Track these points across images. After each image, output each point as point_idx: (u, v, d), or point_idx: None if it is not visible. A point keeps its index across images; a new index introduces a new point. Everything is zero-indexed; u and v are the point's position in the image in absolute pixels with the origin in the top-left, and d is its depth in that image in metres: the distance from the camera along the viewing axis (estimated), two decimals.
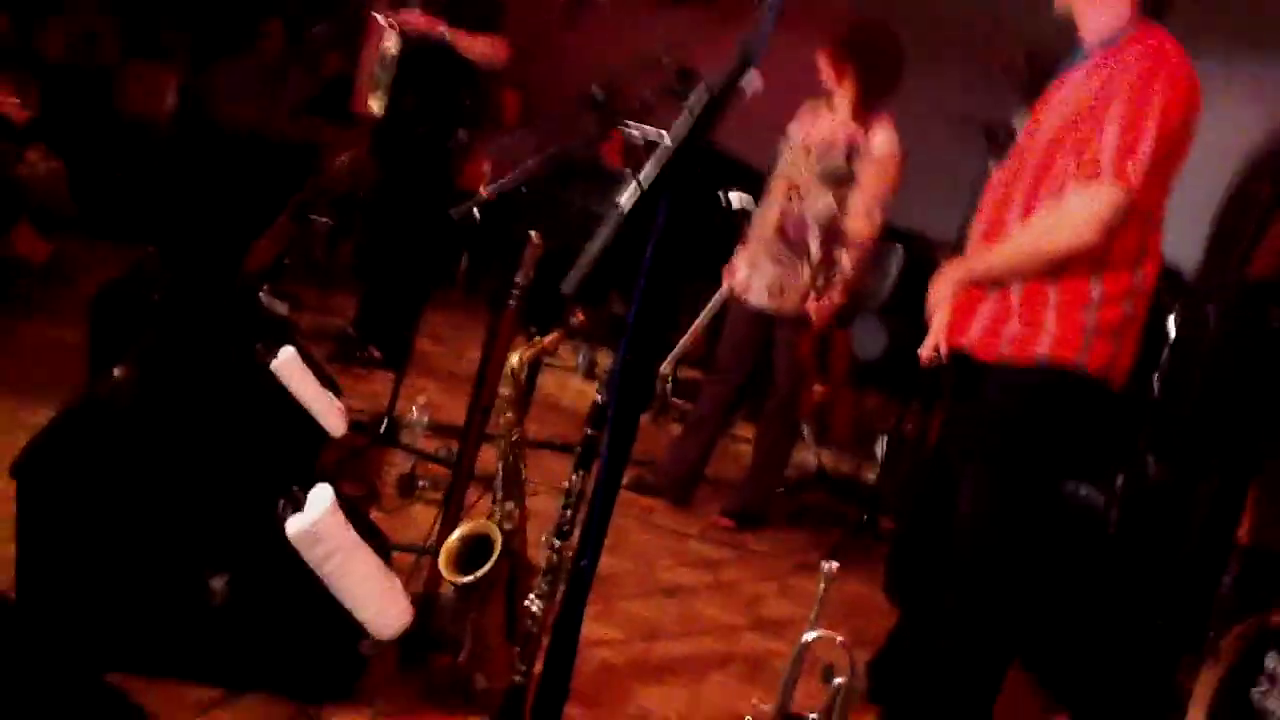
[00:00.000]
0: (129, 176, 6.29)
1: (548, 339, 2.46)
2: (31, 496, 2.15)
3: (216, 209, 6.07)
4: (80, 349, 3.53)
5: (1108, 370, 2.37)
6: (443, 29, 4.54)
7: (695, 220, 1.49)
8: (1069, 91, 2.40)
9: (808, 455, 5.22)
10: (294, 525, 2.18)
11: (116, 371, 2.38)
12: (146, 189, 6.10)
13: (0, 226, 4.32)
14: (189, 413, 2.44)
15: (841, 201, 3.85)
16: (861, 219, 3.83)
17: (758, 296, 3.99)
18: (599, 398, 1.95)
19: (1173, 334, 4.41)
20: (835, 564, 2.30)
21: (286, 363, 3.13)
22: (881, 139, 3.85)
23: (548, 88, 5.44)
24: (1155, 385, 4.56)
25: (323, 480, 2.35)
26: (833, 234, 3.86)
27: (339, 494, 2.29)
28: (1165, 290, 4.92)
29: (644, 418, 5.33)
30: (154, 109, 6.35)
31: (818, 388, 3.93)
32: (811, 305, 3.85)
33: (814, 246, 3.86)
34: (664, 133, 1.52)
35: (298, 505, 2.22)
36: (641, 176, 1.37)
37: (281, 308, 4.96)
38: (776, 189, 4.00)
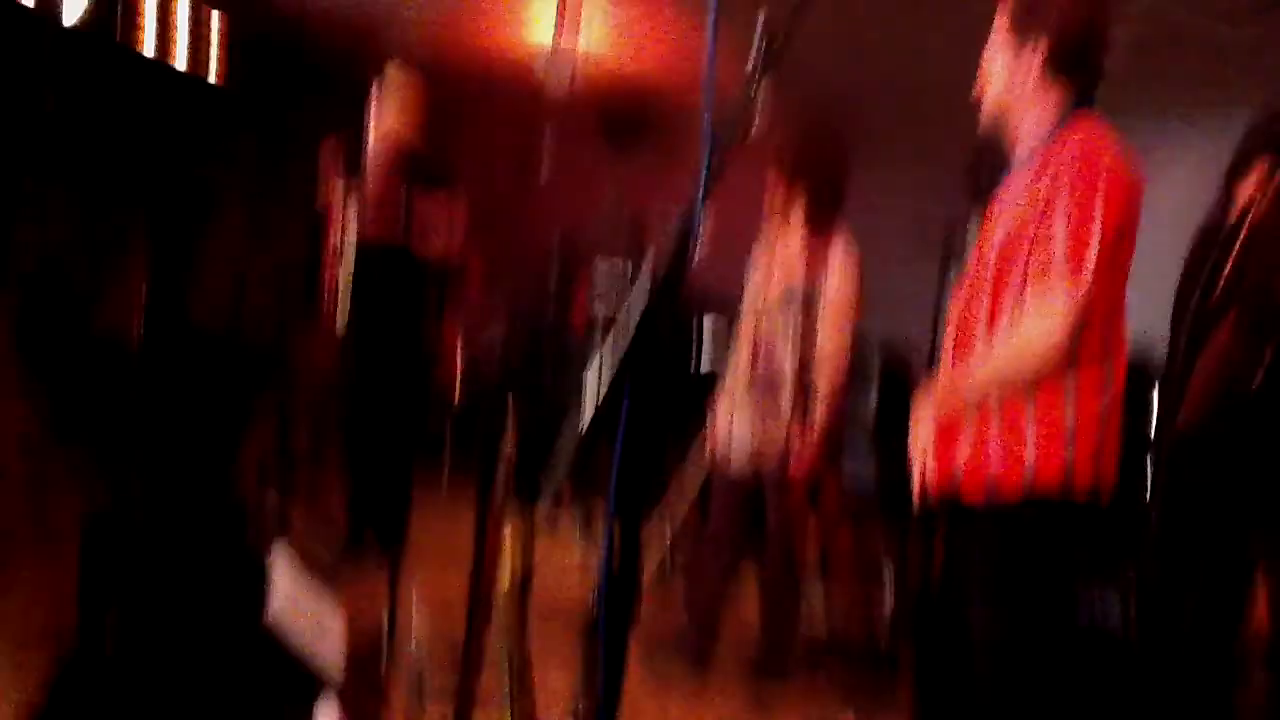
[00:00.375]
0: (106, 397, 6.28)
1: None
2: None
3: (196, 416, 6.06)
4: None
5: (1093, 491, 2.36)
6: (401, 192, 4.58)
7: (664, 389, 1.48)
8: (1014, 196, 2.42)
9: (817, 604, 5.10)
10: None
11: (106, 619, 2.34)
12: (124, 407, 6.08)
13: None
14: (183, 651, 2.39)
15: (812, 349, 3.82)
16: (829, 359, 3.80)
17: (740, 450, 3.93)
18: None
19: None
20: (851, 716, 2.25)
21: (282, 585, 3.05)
22: (839, 271, 3.82)
23: (508, 250, 5.50)
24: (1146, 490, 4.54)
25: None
26: (805, 376, 3.83)
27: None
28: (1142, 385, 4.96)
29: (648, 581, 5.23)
30: (122, 322, 6.37)
31: (814, 538, 3.86)
32: (792, 468, 3.79)
33: (789, 397, 3.83)
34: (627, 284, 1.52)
35: None
36: (599, 398, 1.36)
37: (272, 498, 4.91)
38: (743, 335, 3.98)
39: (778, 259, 3.98)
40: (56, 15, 6.40)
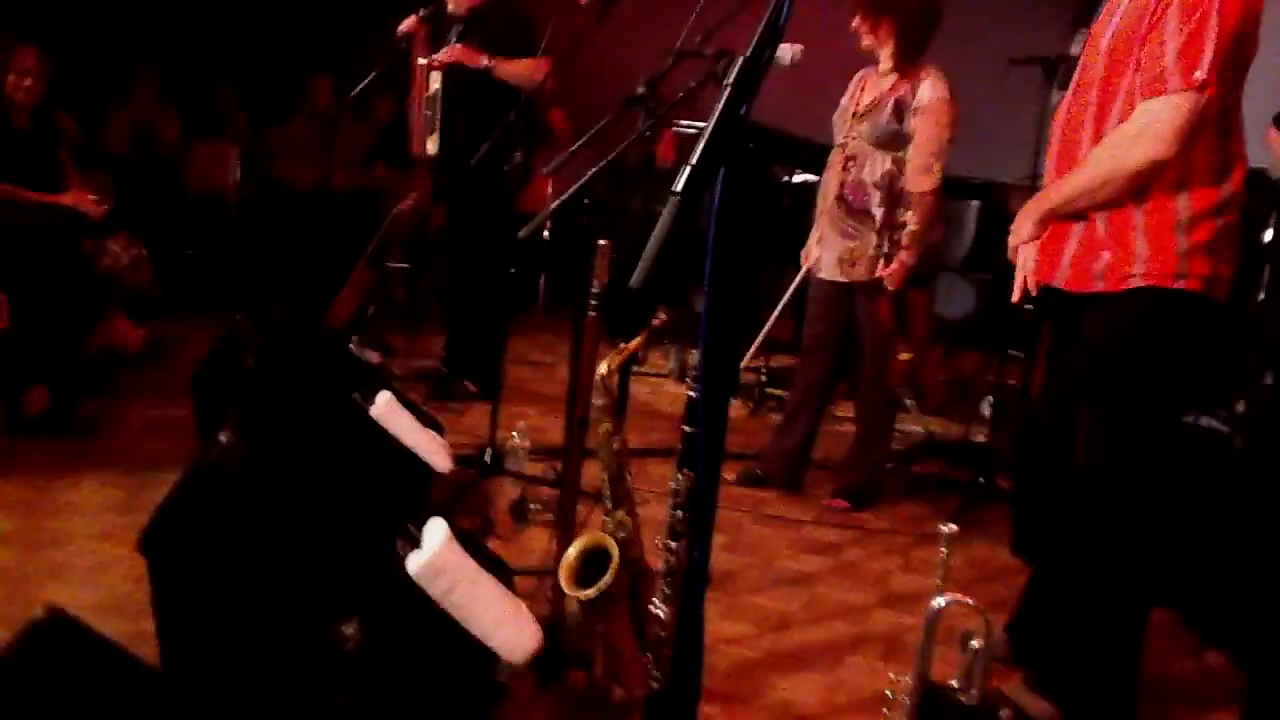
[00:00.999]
0: (206, 251, 6.49)
1: (633, 343, 2.45)
2: (161, 569, 2.21)
3: (294, 267, 6.22)
4: (189, 423, 3.65)
5: (1209, 287, 2.28)
6: (483, 59, 4.60)
7: (756, 197, 1.47)
8: (1120, 8, 2.33)
9: (915, 425, 5.15)
10: (415, 562, 2.20)
11: (221, 437, 2.43)
12: (225, 260, 6.27)
13: (95, 320, 4.46)
14: (298, 468, 2.49)
15: (900, 164, 3.80)
16: (920, 174, 3.77)
17: (829, 270, 3.96)
18: (692, 394, 1.94)
19: (1268, 240, 4.27)
20: (954, 526, 2.25)
21: (385, 408, 3.18)
22: (927, 89, 3.78)
23: (592, 96, 5.46)
24: (1260, 299, 4.42)
25: (436, 515, 2.37)
26: (894, 196, 3.80)
27: (454, 527, 2.31)
28: (1257, 197, 4.78)
29: (743, 411, 5.31)
30: (219, 183, 6.52)
31: (903, 353, 3.86)
32: (883, 270, 3.79)
33: (877, 212, 3.81)
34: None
35: (415, 542, 2.25)
36: (692, 157, 1.35)
37: (373, 356, 5.06)
38: (834, 160, 3.96)
39: (868, 86, 3.94)
40: None
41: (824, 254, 3.98)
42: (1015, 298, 2.57)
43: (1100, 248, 2.33)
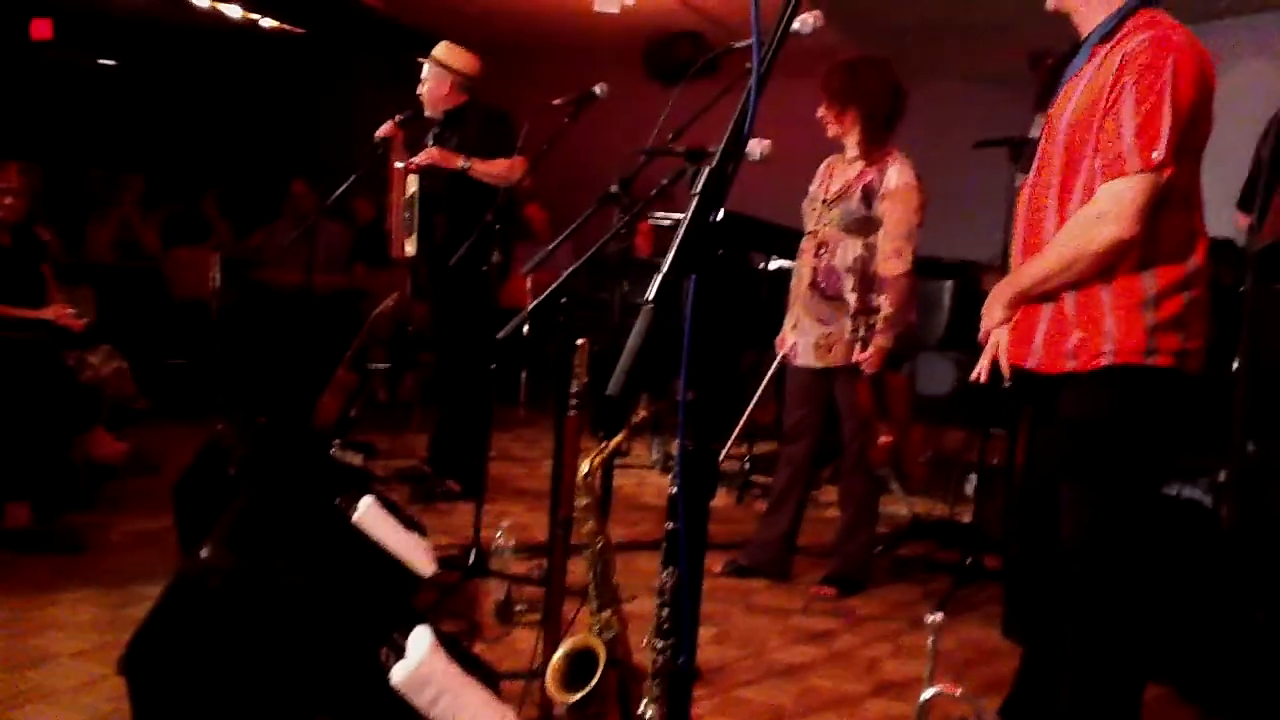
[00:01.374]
0: (190, 359, 6.50)
1: (614, 440, 2.45)
2: (141, 690, 2.18)
3: (276, 372, 6.23)
4: (172, 534, 3.62)
5: (1180, 362, 2.32)
6: (459, 161, 4.68)
7: (733, 294, 1.49)
8: (1077, 92, 2.38)
9: (899, 507, 5.14)
10: (400, 672, 2.18)
11: (203, 551, 2.41)
12: (208, 368, 6.28)
13: (77, 433, 4.45)
14: (281, 578, 2.47)
15: (872, 249, 3.85)
16: (891, 258, 3.81)
17: (806, 357, 3.99)
18: (673, 489, 1.94)
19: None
20: (940, 615, 2.24)
21: (368, 513, 3.17)
22: (894, 174, 3.84)
23: (569, 192, 5.56)
24: (1236, 366, 4.46)
25: (421, 622, 2.35)
26: (867, 281, 3.85)
27: (439, 632, 2.29)
28: (1224, 267, 4.85)
29: (728, 500, 5.30)
30: (201, 290, 6.56)
31: (885, 436, 3.87)
32: (860, 355, 3.81)
33: (850, 297, 3.85)
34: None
35: (400, 652, 2.23)
36: (663, 266, 1.37)
37: (355, 458, 5.05)
38: (806, 248, 4.01)
39: (835, 173, 4.01)
40: None
41: (800, 340, 4.01)
42: (982, 378, 2.59)
43: (1070, 327, 2.36)
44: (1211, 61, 2.28)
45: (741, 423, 4.69)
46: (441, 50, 4.94)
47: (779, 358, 4.18)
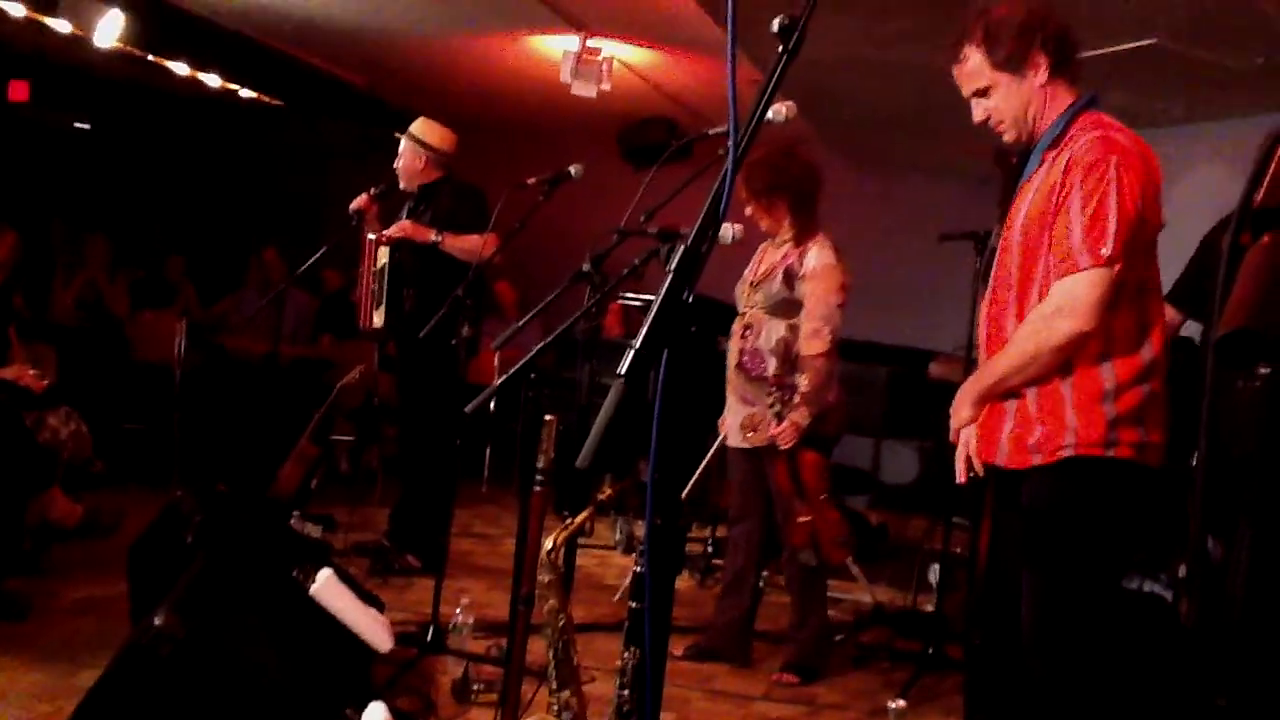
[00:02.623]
0: (150, 424, 6.42)
1: (579, 518, 2.45)
2: None
3: (238, 440, 6.17)
4: (123, 602, 3.55)
5: (1140, 454, 2.36)
6: (431, 235, 4.71)
7: (697, 375, 1.50)
8: (1029, 197, 2.45)
9: (863, 594, 5.12)
10: None
11: (156, 619, 2.37)
12: (168, 433, 6.21)
13: (33, 494, 4.37)
14: (233, 649, 2.43)
15: (795, 330, 3.89)
16: (810, 338, 3.85)
17: (734, 437, 4.01)
18: (637, 569, 1.94)
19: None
20: (903, 702, 2.23)
21: (326, 586, 3.13)
22: (813, 256, 3.89)
23: (540, 269, 5.60)
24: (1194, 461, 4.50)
25: (376, 698, 2.31)
26: (789, 361, 3.88)
27: (393, 709, 2.25)
28: (1183, 362, 4.92)
29: (691, 583, 5.27)
30: (165, 354, 6.52)
31: (801, 515, 3.84)
32: (774, 430, 3.81)
33: (771, 377, 3.87)
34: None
35: None
36: (636, 341, 1.38)
37: (315, 530, 4.99)
38: (734, 330, 4.05)
39: (765, 257, 4.07)
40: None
41: (730, 420, 4.03)
42: (961, 479, 2.60)
43: (1034, 423, 2.39)
44: (1156, 160, 2.35)
45: (683, 496, 4.68)
46: (419, 126, 5.00)
47: (719, 439, 4.19)
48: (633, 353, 1.36)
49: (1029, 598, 2.42)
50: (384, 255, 4.86)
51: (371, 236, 4.91)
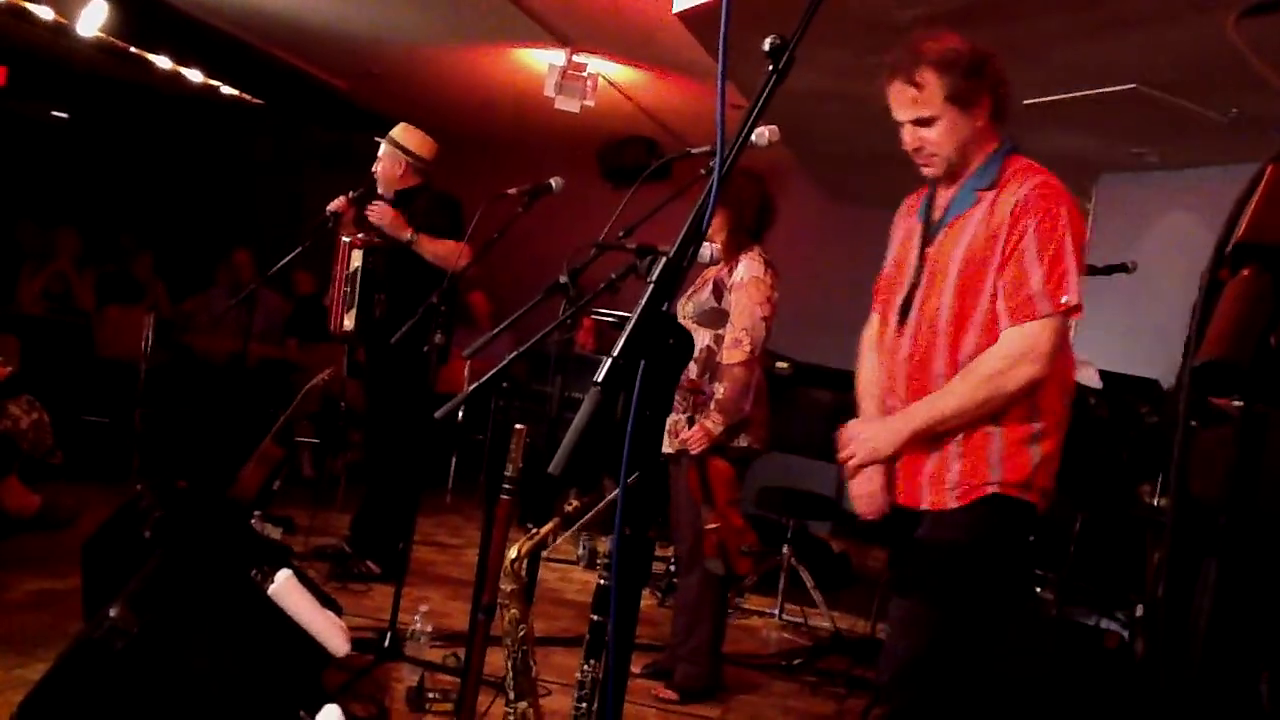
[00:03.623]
0: (112, 418, 6.36)
1: (545, 529, 2.44)
2: None
3: (200, 439, 6.11)
4: (75, 596, 3.50)
5: (1043, 499, 2.40)
6: (408, 232, 4.69)
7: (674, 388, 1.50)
8: (967, 233, 2.40)
9: (822, 620, 5.13)
10: None
11: (111, 612, 2.34)
12: (129, 429, 6.14)
13: None
14: (188, 646, 2.40)
15: (720, 340, 3.86)
16: (730, 347, 3.83)
17: (665, 445, 3.92)
18: (601, 581, 1.94)
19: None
20: None
21: (284, 587, 3.10)
22: (743, 267, 3.88)
23: (515, 281, 5.59)
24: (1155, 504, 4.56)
25: (329, 702, 2.29)
26: (711, 370, 3.86)
27: (348, 714, 2.23)
28: (1149, 405, 4.98)
29: (651, 601, 5.26)
30: (130, 350, 6.45)
31: (709, 522, 3.79)
32: (684, 434, 3.78)
33: (687, 382, 3.85)
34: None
35: None
36: (614, 350, 1.38)
37: (274, 532, 4.94)
38: None
39: (706, 274, 4.06)
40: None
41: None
42: (872, 516, 2.53)
43: (951, 460, 2.38)
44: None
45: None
46: (400, 132, 4.99)
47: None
48: (610, 361, 1.36)
49: (915, 628, 2.40)
50: (357, 259, 4.84)
51: (346, 239, 4.89)
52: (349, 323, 4.91)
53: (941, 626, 2.38)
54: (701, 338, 3.90)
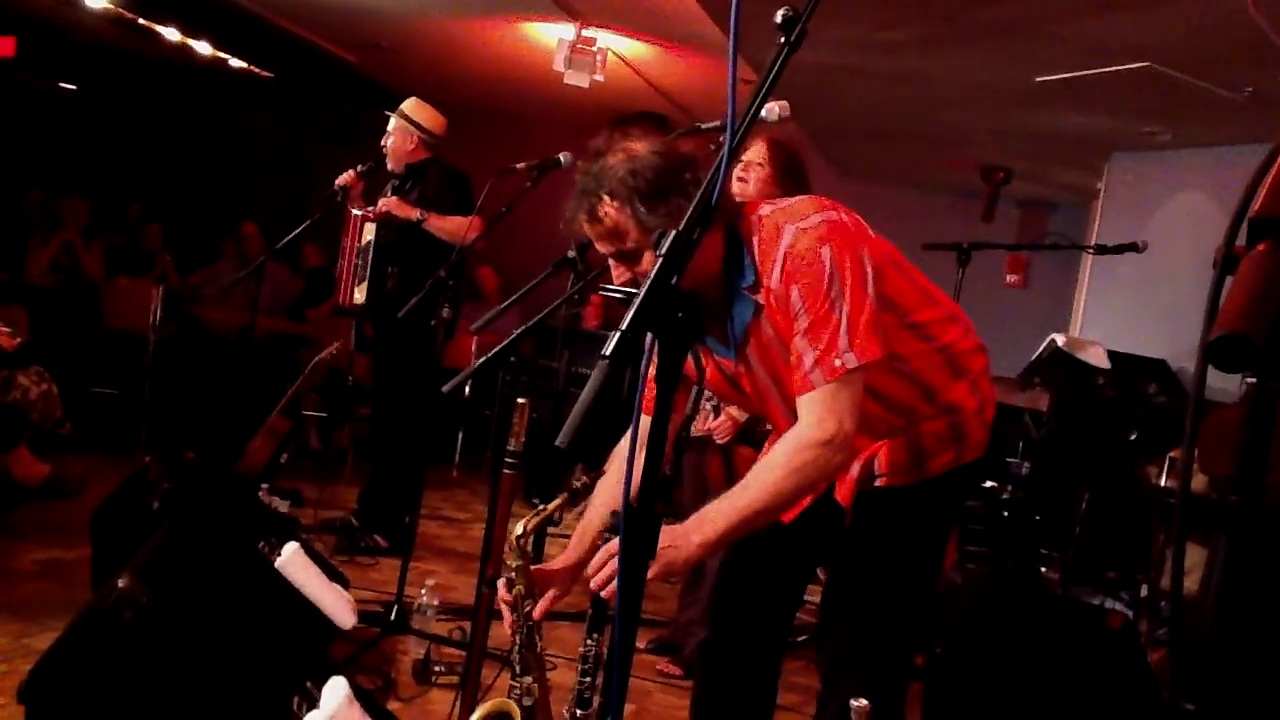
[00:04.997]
0: (120, 390, 6.38)
1: (552, 504, 2.44)
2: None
3: (208, 411, 6.13)
4: (83, 567, 3.51)
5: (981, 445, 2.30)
6: (415, 213, 4.69)
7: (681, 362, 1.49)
8: (765, 344, 2.11)
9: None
10: None
11: (120, 582, 2.35)
12: (138, 400, 6.16)
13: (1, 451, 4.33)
14: (196, 617, 2.41)
15: None
16: None
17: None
18: None
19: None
20: (864, 702, 2.23)
21: (291, 559, 3.11)
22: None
23: (522, 257, 5.59)
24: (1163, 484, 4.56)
25: (336, 673, 2.29)
26: None
27: (354, 686, 2.24)
28: (1159, 383, 4.96)
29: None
30: (139, 322, 6.47)
31: None
32: (711, 424, 3.77)
33: None
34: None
35: (313, 701, 2.17)
36: (623, 323, 1.37)
37: (282, 505, 4.95)
38: None
39: None
40: None
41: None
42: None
43: (910, 449, 2.23)
44: (846, 225, 2.03)
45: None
46: (411, 106, 4.97)
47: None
48: (618, 335, 1.35)
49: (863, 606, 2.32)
50: (369, 232, 4.84)
51: (357, 212, 4.89)
52: (359, 295, 4.91)
53: (894, 585, 2.28)
54: None
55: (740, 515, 1.96)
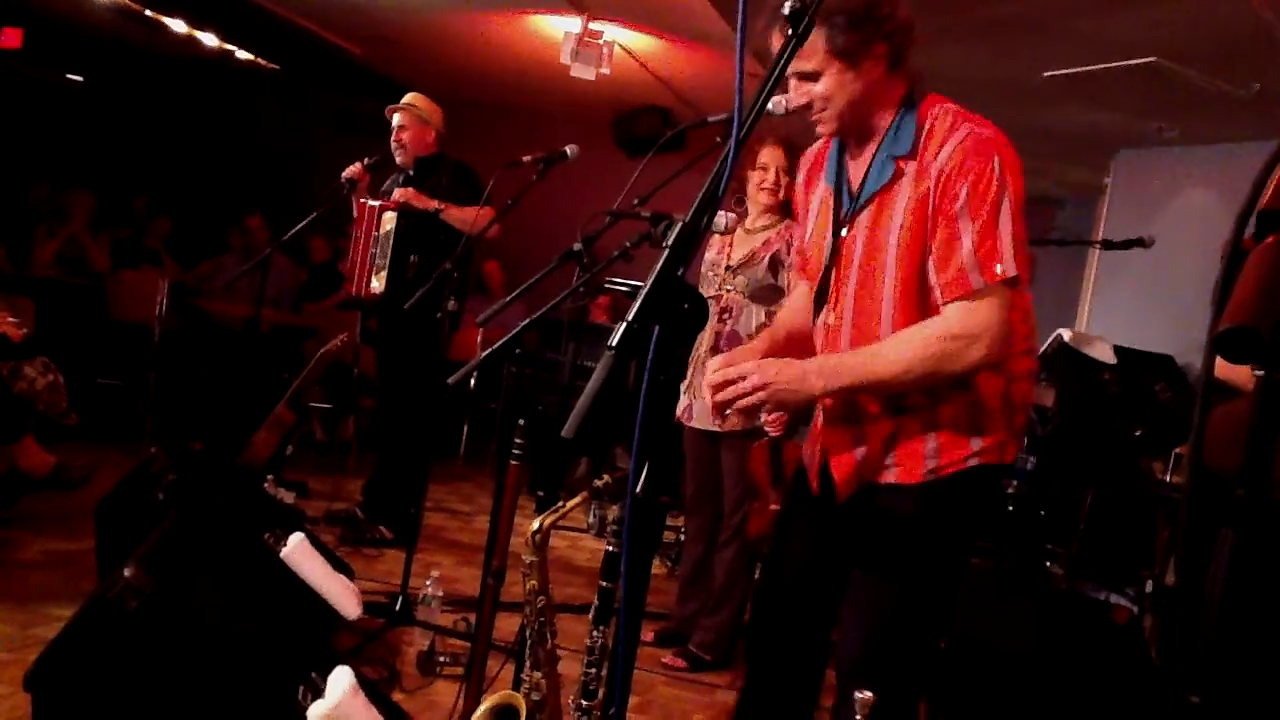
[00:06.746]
0: (126, 381, 6.39)
1: (571, 504, 2.42)
2: (48, 709, 2.10)
3: (214, 402, 6.14)
4: (89, 557, 3.52)
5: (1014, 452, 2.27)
6: (433, 203, 4.70)
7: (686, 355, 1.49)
8: (898, 211, 2.11)
9: None
10: (316, 712, 2.12)
11: (125, 572, 2.35)
12: (143, 392, 6.18)
13: (4, 443, 4.34)
14: (201, 608, 2.41)
15: (774, 317, 3.79)
16: None
17: (701, 419, 3.91)
18: (611, 548, 1.94)
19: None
20: (870, 694, 2.23)
21: (296, 550, 3.12)
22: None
23: (528, 250, 5.59)
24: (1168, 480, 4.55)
25: (341, 664, 2.30)
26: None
27: (359, 676, 2.24)
28: (1165, 379, 4.94)
29: (661, 570, 5.27)
30: (145, 313, 6.48)
31: (775, 504, 3.68)
32: (766, 418, 3.64)
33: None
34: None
35: (318, 692, 2.17)
36: (629, 315, 1.37)
37: (288, 496, 4.97)
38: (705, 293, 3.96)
39: (737, 241, 3.98)
40: None
41: (695, 403, 3.93)
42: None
43: (925, 433, 2.17)
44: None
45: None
46: (420, 100, 4.98)
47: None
48: (624, 326, 1.35)
49: (868, 605, 2.25)
50: (389, 221, 4.83)
51: (375, 203, 4.89)
52: (378, 284, 4.89)
53: (907, 601, 2.21)
54: (755, 314, 3.85)
55: (863, 378, 2.07)
